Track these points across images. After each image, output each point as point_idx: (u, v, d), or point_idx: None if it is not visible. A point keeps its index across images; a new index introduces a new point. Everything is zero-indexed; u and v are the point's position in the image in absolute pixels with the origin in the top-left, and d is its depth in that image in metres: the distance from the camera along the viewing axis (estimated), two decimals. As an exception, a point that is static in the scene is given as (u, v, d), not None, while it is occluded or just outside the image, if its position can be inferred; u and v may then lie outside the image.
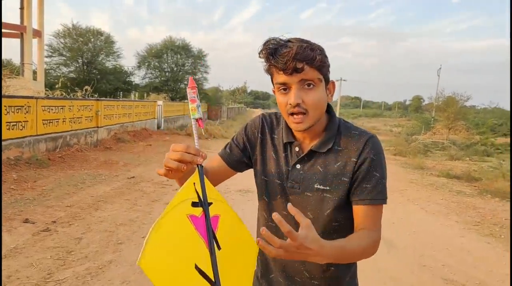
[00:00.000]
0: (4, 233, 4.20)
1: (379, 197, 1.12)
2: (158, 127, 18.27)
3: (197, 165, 0.98)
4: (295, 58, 1.02)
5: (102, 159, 9.39)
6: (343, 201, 1.15)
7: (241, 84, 56.76)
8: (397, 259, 4.24)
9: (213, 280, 0.92)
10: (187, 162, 0.98)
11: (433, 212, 6.37)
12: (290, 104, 1.08)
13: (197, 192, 0.98)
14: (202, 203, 0.97)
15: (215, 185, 1.31)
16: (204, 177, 0.99)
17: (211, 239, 0.95)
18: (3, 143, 7.32)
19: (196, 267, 0.92)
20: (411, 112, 60.49)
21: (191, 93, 1.04)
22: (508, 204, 6.90)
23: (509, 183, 7.97)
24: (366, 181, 1.12)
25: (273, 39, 1.08)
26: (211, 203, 0.98)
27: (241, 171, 1.33)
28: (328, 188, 1.15)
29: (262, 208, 1.31)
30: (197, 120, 1.04)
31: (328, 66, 1.11)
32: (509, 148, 14.40)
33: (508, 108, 23.84)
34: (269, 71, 1.12)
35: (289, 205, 0.92)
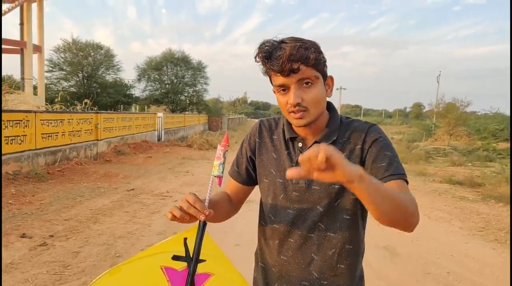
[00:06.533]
0: (1, 248, 4.14)
1: (398, 172, 1.08)
2: (159, 139, 18.25)
3: (199, 221, 0.99)
4: (289, 59, 1.03)
5: (101, 171, 9.34)
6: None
7: (242, 95, 56.85)
8: (401, 267, 4.15)
9: None
10: (190, 215, 1.00)
11: (436, 218, 6.28)
12: (290, 104, 1.08)
13: (186, 247, 0.98)
14: (190, 258, 0.96)
15: (239, 204, 1.33)
16: (206, 233, 0.99)
17: None
18: (2, 158, 7.29)
19: None
20: (412, 119, 60.45)
21: (219, 150, 1.04)
22: (513, 208, 6.80)
23: (512, 188, 7.88)
24: (379, 160, 1.10)
25: (267, 42, 1.08)
26: (203, 260, 0.96)
27: (257, 183, 1.31)
28: None
29: (266, 210, 1.27)
30: (216, 177, 1.04)
31: (324, 62, 1.11)
32: (511, 153, 14.30)
33: (509, 114, 23.78)
34: (267, 73, 1.14)
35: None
